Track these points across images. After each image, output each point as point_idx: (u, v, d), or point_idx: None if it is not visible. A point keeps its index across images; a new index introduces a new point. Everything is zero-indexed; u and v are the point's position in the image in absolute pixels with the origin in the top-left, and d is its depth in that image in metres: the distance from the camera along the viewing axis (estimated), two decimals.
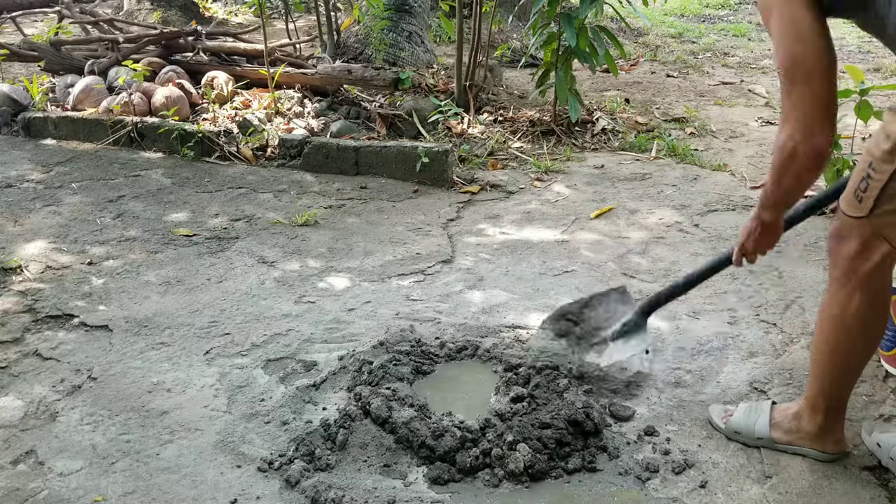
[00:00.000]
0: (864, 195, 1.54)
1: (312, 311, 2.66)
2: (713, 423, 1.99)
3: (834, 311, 1.70)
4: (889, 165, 1.47)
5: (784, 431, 1.88)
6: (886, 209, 1.52)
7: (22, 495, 1.79)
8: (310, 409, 2.09)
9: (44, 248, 3.17)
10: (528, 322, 2.55)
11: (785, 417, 1.89)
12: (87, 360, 2.35)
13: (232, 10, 8.54)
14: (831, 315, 1.71)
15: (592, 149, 4.54)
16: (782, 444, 1.88)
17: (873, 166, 1.50)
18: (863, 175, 1.54)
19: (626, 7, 4.80)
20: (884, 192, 1.50)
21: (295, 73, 4.92)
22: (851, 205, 1.59)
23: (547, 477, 1.82)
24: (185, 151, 4.28)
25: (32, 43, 5.29)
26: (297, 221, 3.42)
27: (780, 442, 1.88)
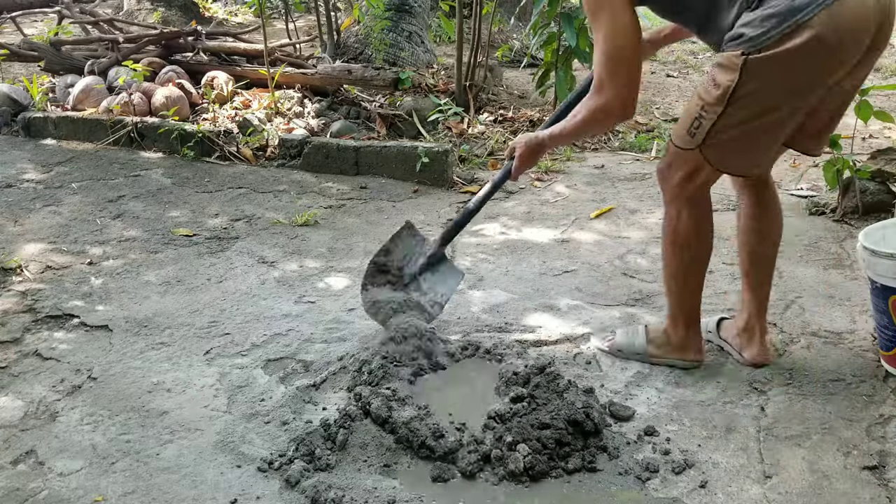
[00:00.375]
0: (697, 131, 1.91)
1: (312, 311, 2.66)
2: (598, 347, 2.34)
3: (668, 231, 2.12)
4: (719, 107, 1.86)
5: (656, 346, 2.25)
6: (716, 140, 1.90)
7: (22, 495, 1.79)
8: (310, 409, 2.09)
9: (44, 248, 3.17)
10: (528, 322, 2.55)
11: (657, 336, 2.25)
12: (87, 360, 2.35)
13: (232, 10, 8.55)
14: (666, 235, 2.13)
15: (592, 149, 4.54)
16: (656, 359, 2.25)
17: (705, 109, 1.89)
18: (695, 116, 1.91)
19: None
20: (713, 128, 1.89)
21: (295, 73, 4.92)
22: (684, 139, 1.96)
23: (547, 477, 1.82)
24: (185, 151, 4.28)
25: (32, 43, 5.29)
26: (297, 221, 3.42)
27: (653, 356, 2.25)
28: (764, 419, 2.03)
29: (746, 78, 1.81)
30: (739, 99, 1.84)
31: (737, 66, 1.81)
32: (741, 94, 1.83)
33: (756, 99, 1.84)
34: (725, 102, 1.85)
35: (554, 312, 2.62)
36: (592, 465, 1.84)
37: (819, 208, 3.45)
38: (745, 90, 1.83)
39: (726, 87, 1.84)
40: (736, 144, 1.92)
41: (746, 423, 2.01)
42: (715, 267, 2.96)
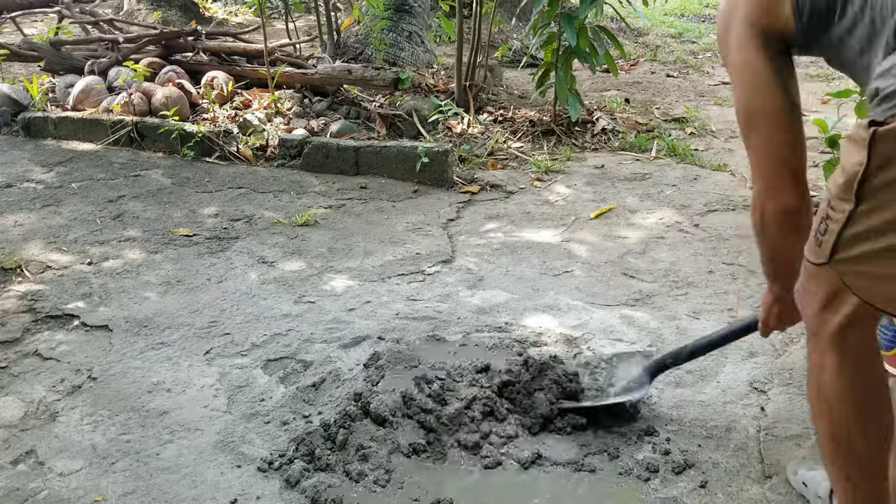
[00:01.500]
0: (823, 238, 1.29)
1: (312, 311, 2.66)
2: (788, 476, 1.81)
3: (815, 381, 1.42)
4: (847, 204, 1.23)
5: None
6: (848, 255, 1.26)
7: (22, 495, 1.79)
8: (310, 409, 2.09)
9: (44, 248, 3.17)
10: (528, 322, 2.55)
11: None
12: (87, 360, 2.35)
13: (232, 10, 8.54)
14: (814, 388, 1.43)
15: (592, 149, 4.54)
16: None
17: (832, 205, 1.28)
18: (822, 216, 1.31)
19: (626, 7, 4.80)
20: (843, 235, 1.25)
21: (295, 72, 4.92)
22: (812, 250, 1.34)
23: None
24: (185, 151, 4.28)
25: (32, 43, 5.29)
26: (297, 221, 3.42)
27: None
28: (764, 419, 2.03)
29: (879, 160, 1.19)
30: (875, 192, 1.21)
31: (864, 143, 1.20)
32: (877, 184, 1.20)
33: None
34: (854, 198, 1.22)
35: (554, 312, 2.62)
36: (591, 464, 1.85)
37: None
38: (884, 179, 1.20)
39: (851, 174, 1.22)
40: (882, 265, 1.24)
41: (746, 423, 2.01)
42: (715, 267, 2.96)
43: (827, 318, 1.35)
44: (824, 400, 1.40)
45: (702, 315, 2.59)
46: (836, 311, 1.33)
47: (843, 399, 1.38)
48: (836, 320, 1.34)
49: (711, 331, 2.45)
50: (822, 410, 1.42)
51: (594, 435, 1.96)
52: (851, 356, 1.36)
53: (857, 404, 1.38)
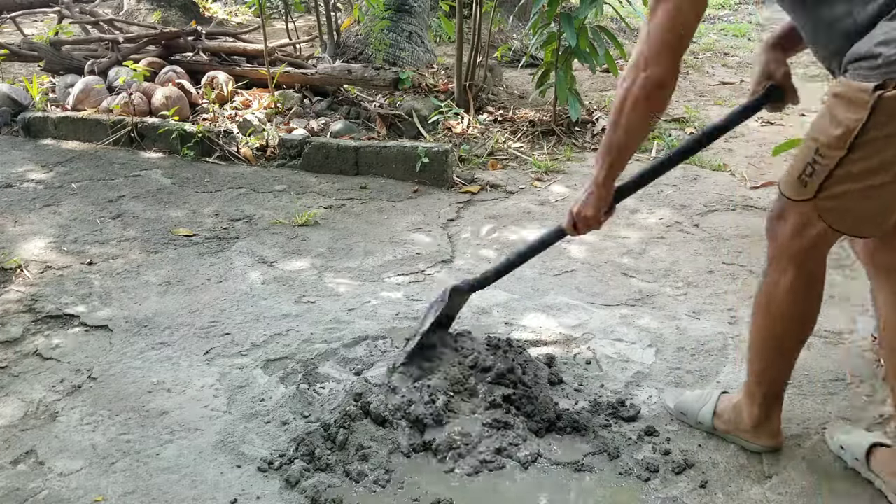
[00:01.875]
0: (809, 179, 1.53)
1: (312, 311, 2.66)
2: (664, 404, 2.06)
3: (767, 291, 1.71)
4: (838, 151, 1.46)
5: (724, 421, 1.92)
6: (832, 192, 1.52)
7: (22, 495, 1.79)
8: (310, 409, 2.09)
9: (44, 248, 3.17)
10: (528, 322, 2.55)
11: (727, 408, 1.92)
12: (87, 360, 2.35)
13: (232, 10, 8.54)
14: (765, 295, 1.72)
15: (592, 149, 4.53)
16: (722, 433, 1.92)
17: (820, 152, 1.49)
18: (808, 160, 1.52)
19: (626, 7, 4.80)
20: (830, 177, 1.49)
21: (295, 72, 4.92)
22: (794, 188, 1.58)
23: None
24: (185, 151, 4.28)
25: (32, 43, 5.29)
26: (297, 221, 3.42)
27: (719, 430, 1.92)
28: None
29: (879, 119, 1.38)
30: (866, 144, 1.43)
31: (866, 104, 1.38)
32: (869, 138, 1.42)
33: (890, 145, 1.42)
34: (847, 147, 1.44)
35: (554, 312, 2.62)
36: (591, 464, 1.85)
37: None
38: (875, 134, 1.41)
39: (848, 128, 1.42)
40: (859, 200, 1.51)
41: None
42: (715, 267, 2.96)
43: (794, 243, 1.63)
44: (774, 310, 1.70)
45: (702, 315, 2.59)
46: (803, 235, 1.61)
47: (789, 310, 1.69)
48: (800, 243, 1.62)
49: (710, 327, 2.45)
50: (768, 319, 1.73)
51: (594, 434, 1.96)
52: (807, 276, 1.66)
53: (800, 316, 1.71)
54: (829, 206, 1.54)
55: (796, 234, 1.62)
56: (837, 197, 1.52)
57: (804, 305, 1.70)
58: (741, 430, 1.89)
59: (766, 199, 3.61)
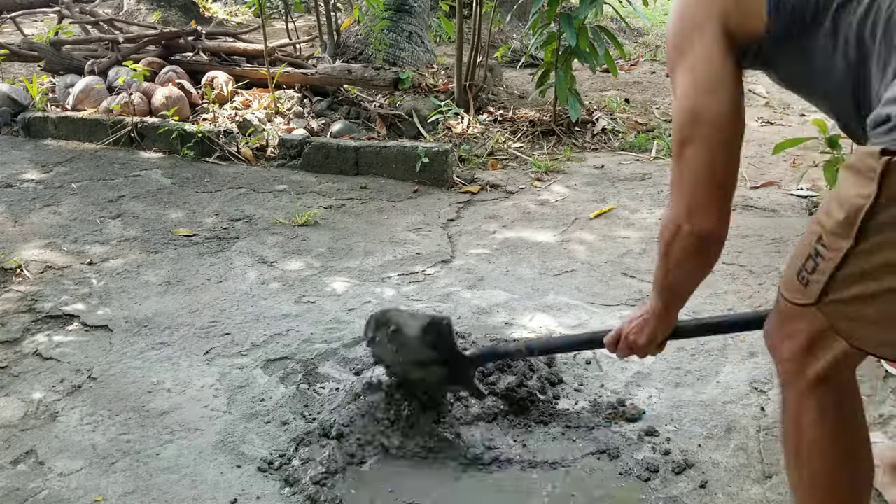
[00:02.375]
0: (811, 277, 1.17)
1: (312, 311, 2.66)
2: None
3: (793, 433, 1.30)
4: (844, 241, 1.11)
5: None
6: (840, 297, 1.14)
7: (22, 495, 1.79)
8: (310, 410, 2.09)
9: (44, 248, 3.17)
10: (528, 322, 2.55)
11: None
12: (87, 360, 2.35)
13: (232, 10, 8.54)
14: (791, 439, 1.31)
15: (592, 149, 4.54)
16: None
17: (823, 241, 1.14)
18: (809, 252, 1.17)
19: (626, 7, 4.80)
20: (836, 275, 1.13)
21: (295, 73, 4.92)
22: (794, 289, 1.21)
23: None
24: (185, 151, 4.28)
25: (32, 43, 5.29)
26: (297, 221, 3.42)
27: None
28: (764, 419, 2.03)
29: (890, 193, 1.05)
30: (882, 228, 1.07)
31: (874, 174, 1.05)
32: (883, 219, 1.07)
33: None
34: (855, 234, 1.09)
35: (554, 312, 2.62)
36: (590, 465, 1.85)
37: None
38: (891, 214, 1.06)
39: (855, 208, 1.08)
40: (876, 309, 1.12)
41: (746, 423, 2.01)
42: (715, 267, 2.95)
43: (807, 363, 1.23)
44: (805, 448, 1.28)
45: (702, 315, 2.59)
46: (818, 356, 1.21)
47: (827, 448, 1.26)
48: (818, 366, 1.22)
49: None
50: (802, 459, 1.30)
51: (594, 435, 1.96)
52: (835, 403, 1.25)
53: (843, 452, 1.27)
54: (841, 315, 1.16)
55: (809, 352, 1.22)
56: (850, 302, 1.14)
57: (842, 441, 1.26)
58: None
59: (766, 199, 3.61)
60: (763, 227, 3.24)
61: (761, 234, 3.19)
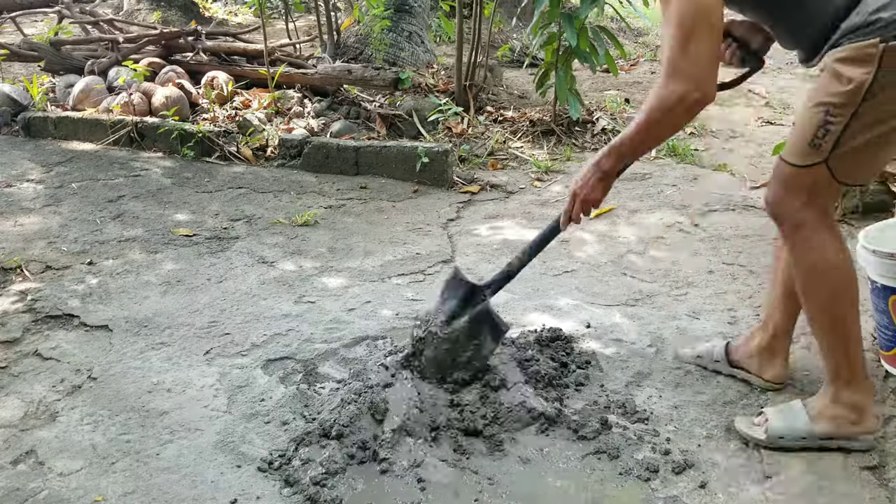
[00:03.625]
0: (823, 141, 1.65)
1: (312, 311, 2.66)
2: (750, 437, 1.91)
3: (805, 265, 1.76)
4: (850, 107, 1.60)
5: (828, 421, 1.84)
6: (847, 148, 1.64)
7: (22, 495, 1.79)
8: (310, 410, 2.09)
9: (44, 248, 3.17)
10: (528, 322, 2.55)
11: (823, 407, 1.85)
12: (87, 360, 2.35)
13: (232, 10, 8.55)
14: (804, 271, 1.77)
15: (592, 149, 4.53)
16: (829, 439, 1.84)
17: (832, 113, 1.62)
18: (818, 123, 1.64)
19: (626, 7, 4.80)
20: (844, 133, 1.62)
21: (295, 73, 4.93)
22: (804, 154, 1.69)
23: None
24: (185, 151, 4.28)
25: (32, 43, 5.29)
26: (297, 221, 3.42)
27: (825, 436, 1.84)
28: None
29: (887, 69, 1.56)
30: (877, 95, 1.59)
31: (873, 57, 1.56)
32: (879, 86, 1.58)
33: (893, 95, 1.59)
34: (860, 100, 1.60)
35: (554, 312, 2.62)
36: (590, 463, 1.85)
37: None
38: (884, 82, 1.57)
39: (860, 82, 1.58)
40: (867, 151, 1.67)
41: None
42: (715, 267, 2.96)
43: (811, 209, 1.72)
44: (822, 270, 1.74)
45: (702, 315, 2.59)
46: (817, 201, 1.72)
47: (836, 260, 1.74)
48: (817, 207, 1.72)
49: (710, 327, 2.45)
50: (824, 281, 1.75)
51: (594, 435, 1.96)
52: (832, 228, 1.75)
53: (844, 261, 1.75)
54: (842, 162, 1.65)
55: (809, 203, 1.72)
56: (852, 152, 1.64)
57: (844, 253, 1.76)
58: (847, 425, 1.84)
59: None
60: (763, 227, 3.24)
61: (761, 234, 3.19)
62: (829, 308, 1.80)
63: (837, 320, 1.80)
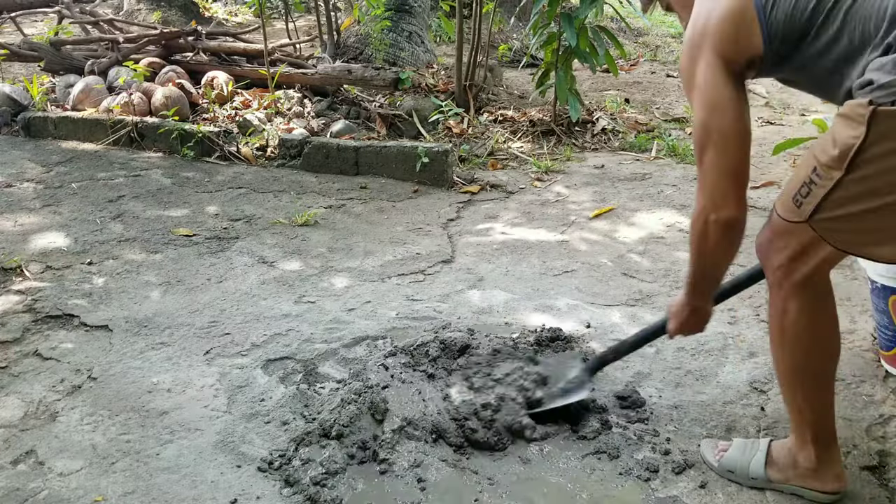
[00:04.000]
0: (805, 200, 1.48)
1: (312, 311, 2.66)
2: (705, 460, 1.87)
3: (778, 322, 1.64)
4: (836, 172, 1.41)
5: (779, 470, 1.76)
6: (828, 216, 1.46)
7: (22, 495, 1.79)
8: (310, 409, 2.09)
9: (44, 248, 3.17)
10: (528, 322, 2.55)
11: (781, 454, 1.77)
12: (87, 360, 2.35)
13: (232, 10, 8.55)
14: (776, 327, 1.65)
15: (592, 149, 4.54)
16: (779, 484, 1.76)
17: (818, 172, 1.45)
18: (804, 180, 1.48)
19: (626, 7, 4.80)
20: (827, 199, 1.44)
21: (295, 73, 4.93)
22: (789, 209, 1.52)
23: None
24: (185, 151, 4.28)
25: (32, 43, 5.29)
26: (297, 221, 3.42)
27: (776, 481, 1.76)
28: (764, 419, 2.03)
29: (875, 135, 1.36)
30: (864, 164, 1.39)
31: (863, 119, 1.36)
32: (868, 156, 1.38)
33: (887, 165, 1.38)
34: (845, 167, 1.40)
35: (554, 312, 2.62)
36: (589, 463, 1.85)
37: None
38: (873, 152, 1.37)
39: (846, 146, 1.39)
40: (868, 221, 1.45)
41: (746, 423, 2.01)
42: None
43: (794, 268, 1.56)
44: (789, 339, 1.63)
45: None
46: (804, 261, 1.55)
47: (806, 337, 1.61)
48: (804, 269, 1.56)
49: (710, 327, 2.45)
50: (786, 349, 1.64)
51: (594, 435, 1.96)
52: (815, 297, 1.60)
53: (819, 340, 1.63)
54: (830, 229, 1.47)
55: (796, 259, 1.56)
56: (838, 220, 1.46)
57: (820, 328, 1.62)
58: (801, 477, 1.73)
59: (766, 199, 3.61)
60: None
61: None
62: (789, 373, 1.68)
63: (800, 386, 1.67)
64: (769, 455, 1.78)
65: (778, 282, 1.60)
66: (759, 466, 1.77)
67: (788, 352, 1.65)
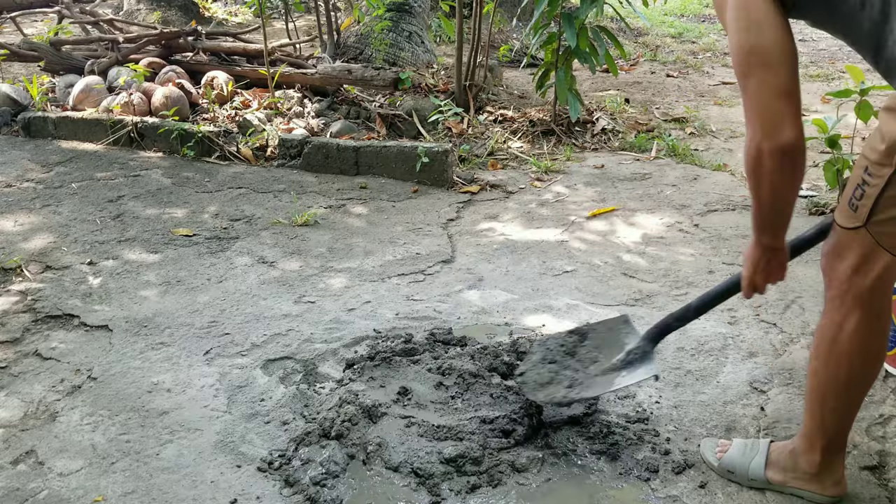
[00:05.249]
0: (860, 203, 1.40)
1: (312, 311, 2.66)
2: (705, 460, 1.86)
3: (830, 335, 1.55)
4: (887, 168, 1.33)
5: (780, 471, 1.74)
6: (884, 217, 1.37)
7: (22, 495, 1.79)
8: (310, 409, 2.09)
9: (44, 248, 3.17)
10: (528, 322, 2.55)
11: (781, 456, 1.75)
12: (87, 360, 2.35)
13: (232, 10, 8.54)
14: (827, 339, 1.56)
15: (592, 149, 4.54)
16: (778, 485, 1.75)
17: (869, 171, 1.37)
18: (857, 182, 1.40)
19: (626, 7, 4.80)
20: (881, 198, 1.36)
21: (295, 73, 4.92)
22: (846, 215, 1.45)
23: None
24: (185, 151, 4.28)
25: (32, 43, 5.29)
26: (297, 221, 3.42)
27: (775, 482, 1.75)
28: (764, 419, 2.03)
29: None
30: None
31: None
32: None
33: None
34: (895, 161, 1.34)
35: (554, 312, 2.62)
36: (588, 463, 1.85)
37: (819, 208, 3.45)
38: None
39: (894, 140, 1.33)
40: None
41: (746, 423, 2.01)
42: (715, 267, 2.96)
43: (856, 281, 1.47)
44: (837, 355, 1.54)
45: (701, 315, 2.59)
46: (866, 273, 1.45)
47: (857, 353, 1.53)
48: (865, 282, 1.46)
49: (710, 327, 2.45)
50: (831, 363, 1.56)
51: (594, 435, 1.96)
52: (874, 314, 1.50)
53: (868, 357, 1.55)
54: (886, 232, 1.38)
55: (858, 271, 1.46)
56: (890, 222, 1.37)
57: (872, 345, 1.55)
58: (800, 480, 1.72)
59: None
60: None
61: None
62: (825, 385, 1.61)
63: (834, 398, 1.61)
64: (769, 456, 1.77)
65: (840, 295, 1.51)
66: (758, 468, 1.76)
67: (833, 366, 1.56)
